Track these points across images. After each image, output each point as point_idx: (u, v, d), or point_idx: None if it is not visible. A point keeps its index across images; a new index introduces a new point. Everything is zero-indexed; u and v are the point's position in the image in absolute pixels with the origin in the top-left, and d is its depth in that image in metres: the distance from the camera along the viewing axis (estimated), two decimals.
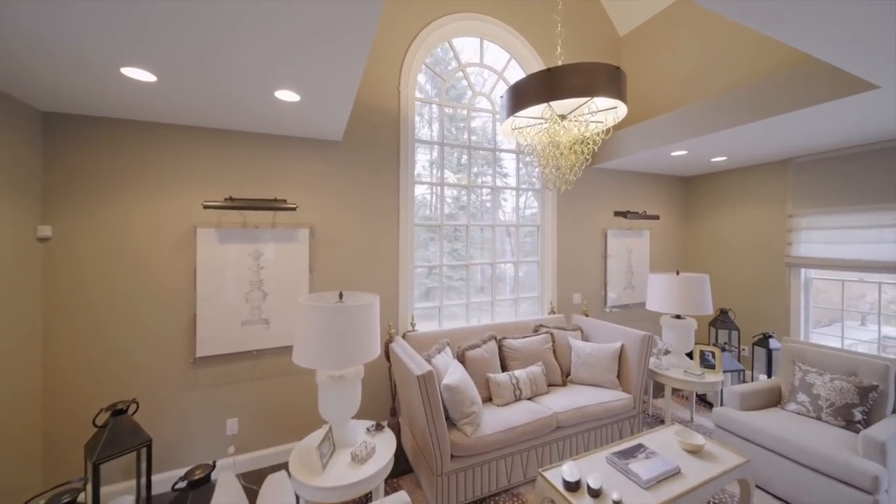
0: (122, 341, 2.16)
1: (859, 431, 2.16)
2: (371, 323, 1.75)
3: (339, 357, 1.63)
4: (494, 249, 3.59)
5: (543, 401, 2.54)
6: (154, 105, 1.99)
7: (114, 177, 2.15)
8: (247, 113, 2.13)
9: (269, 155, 2.51)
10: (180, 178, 2.28)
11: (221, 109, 2.07)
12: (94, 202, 2.12)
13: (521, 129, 2.35)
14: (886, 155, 3.00)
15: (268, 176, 2.50)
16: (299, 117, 2.21)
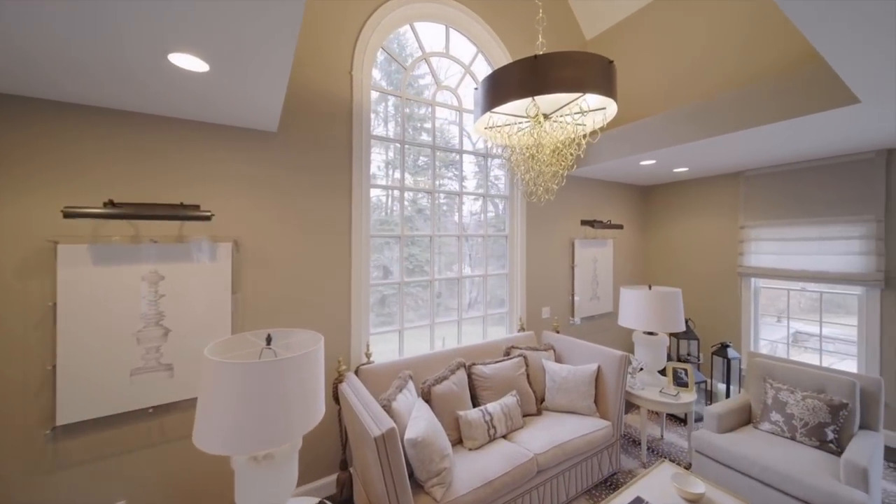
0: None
1: (833, 452, 2.13)
2: (313, 376, 1.28)
3: (264, 434, 1.15)
4: (461, 262, 3.23)
5: (520, 438, 2.23)
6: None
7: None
8: (136, 85, 1.54)
9: (175, 147, 1.91)
10: (33, 171, 1.61)
11: (98, 78, 1.46)
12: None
13: (497, 127, 2.01)
14: (834, 171, 3.14)
15: (173, 174, 1.90)
16: (213, 96, 1.67)
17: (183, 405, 1.90)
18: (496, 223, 3.60)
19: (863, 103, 1.87)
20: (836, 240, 3.13)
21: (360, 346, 2.50)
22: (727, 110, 2.42)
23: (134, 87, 1.55)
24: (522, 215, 3.47)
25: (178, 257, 1.85)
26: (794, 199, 3.38)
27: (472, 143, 3.43)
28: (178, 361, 1.85)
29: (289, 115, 2.26)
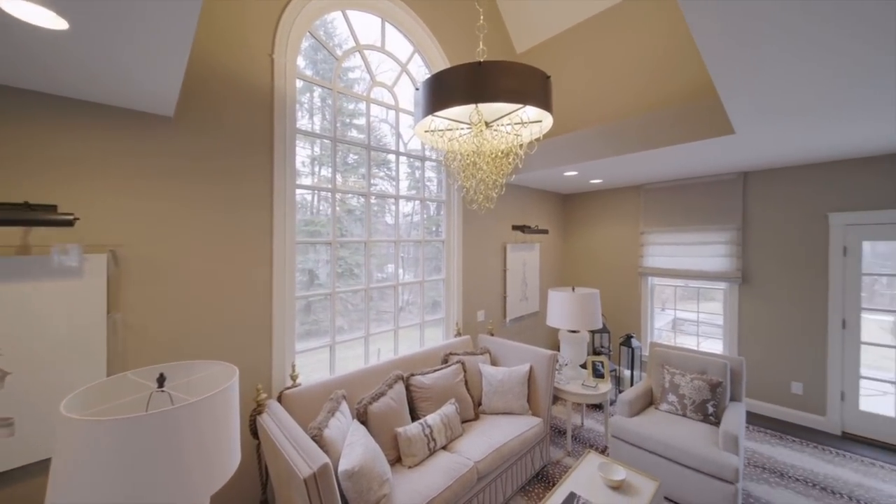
0: None
1: (712, 423, 2.55)
2: (224, 421, 1.05)
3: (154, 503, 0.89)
4: (397, 268, 3.10)
5: (460, 447, 2.21)
6: None
7: None
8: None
9: (25, 130, 1.43)
10: None
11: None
12: None
13: (439, 131, 1.94)
14: (709, 187, 3.78)
15: (23, 164, 1.42)
16: (75, 64, 1.28)
17: (30, 470, 1.44)
18: (429, 225, 3.55)
19: (736, 134, 2.27)
20: (709, 244, 3.79)
21: (284, 368, 2.21)
22: (636, 132, 2.73)
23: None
24: (458, 220, 3.48)
25: (22, 274, 1.38)
26: (681, 210, 4.00)
27: (405, 143, 3.32)
28: (24, 413, 1.39)
29: (191, 98, 1.88)
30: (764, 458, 2.76)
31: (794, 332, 3.32)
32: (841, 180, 3.10)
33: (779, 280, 3.40)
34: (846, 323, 3.08)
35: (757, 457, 2.78)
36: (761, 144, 2.58)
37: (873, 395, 3.03)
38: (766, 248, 3.47)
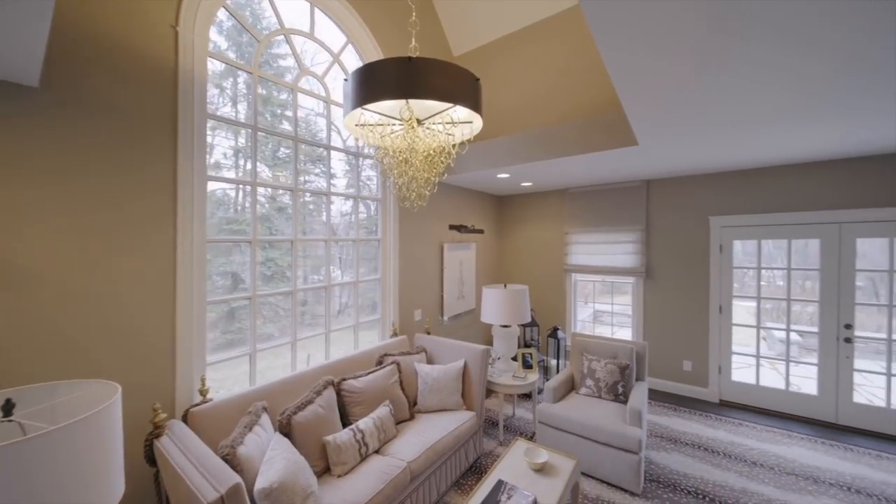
0: None
1: (622, 402, 2.86)
2: (100, 450, 0.88)
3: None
4: (328, 268, 2.95)
5: (394, 449, 2.17)
6: None
7: None
8: None
9: None
10: None
11: None
12: None
13: (370, 126, 1.88)
14: (621, 193, 4.25)
15: None
16: None
17: None
18: (368, 225, 3.45)
19: (639, 145, 2.57)
20: (620, 243, 4.26)
21: (192, 382, 1.96)
22: (557, 140, 2.95)
23: None
24: (395, 219, 3.43)
25: None
26: (598, 213, 4.43)
27: (343, 139, 3.18)
28: None
29: (65, 65, 1.56)
30: (662, 429, 3.18)
31: (684, 317, 3.88)
32: (718, 189, 3.71)
33: (673, 274, 3.95)
34: (722, 308, 3.70)
35: (657, 428, 3.20)
36: (659, 156, 2.97)
37: (742, 367, 3.68)
38: (664, 246, 4.01)
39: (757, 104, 1.93)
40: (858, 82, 1.68)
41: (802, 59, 1.49)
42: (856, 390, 3.15)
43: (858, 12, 1.20)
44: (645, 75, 1.70)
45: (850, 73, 1.59)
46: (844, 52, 1.44)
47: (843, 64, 1.52)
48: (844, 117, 2.11)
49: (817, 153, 2.99)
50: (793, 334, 3.56)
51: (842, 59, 1.49)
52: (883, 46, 1.39)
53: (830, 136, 2.49)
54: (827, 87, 1.73)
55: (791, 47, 1.42)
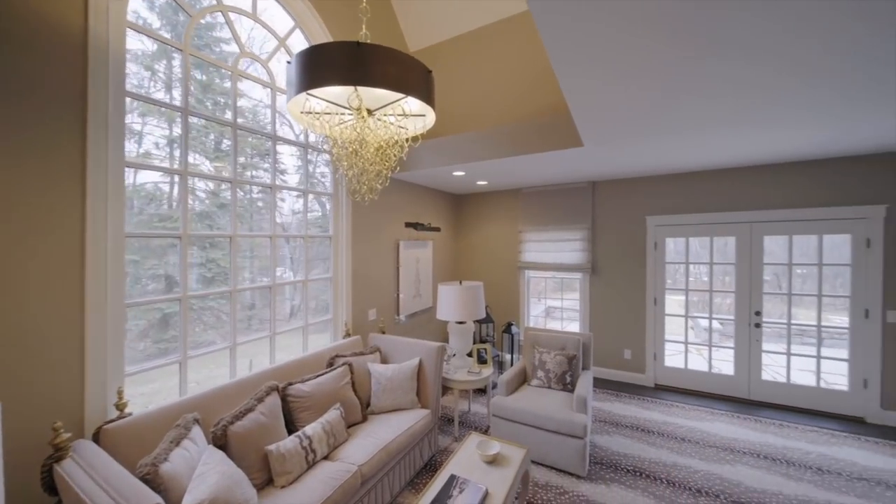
0: None
1: (570, 391, 3.01)
2: None
3: None
4: (273, 267, 2.76)
5: (344, 453, 2.08)
6: None
7: None
8: None
9: None
10: None
11: None
12: None
13: (316, 114, 1.78)
14: (569, 192, 4.47)
15: None
16: None
17: None
18: (322, 224, 3.29)
19: (584, 146, 2.72)
20: (569, 241, 4.49)
21: (107, 396, 1.72)
22: (510, 139, 3.02)
23: None
24: (348, 215, 3.30)
25: None
26: (549, 212, 4.62)
27: (296, 134, 3.00)
28: None
29: None
30: (605, 414, 3.39)
31: (625, 310, 4.18)
32: (654, 190, 4.04)
33: (616, 269, 4.24)
34: (656, 301, 4.04)
35: (601, 413, 3.40)
36: (602, 157, 3.16)
37: (673, 354, 4.05)
38: (607, 244, 4.29)
39: (693, 117, 2.12)
40: (770, 101, 1.91)
41: (742, 72, 1.66)
42: (764, 369, 3.60)
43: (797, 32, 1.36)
44: (592, 94, 1.79)
45: (770, 90, 1.80)
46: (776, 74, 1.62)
47: (776, 78, 1.72)
48: (762, 129, 2.39)
49: (735, 160, 3.37)
50: (714, 322, 3.98)
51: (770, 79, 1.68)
52: (785, 76, 1.59)
53: (748, 146, 2.81)
54: (750, 102, 1.95)
55: (733, 65, 1.57)
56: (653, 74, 1.70)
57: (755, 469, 2.52)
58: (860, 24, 1.30)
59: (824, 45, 1.44)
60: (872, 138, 2.68)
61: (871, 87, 1.79)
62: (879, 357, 3.14)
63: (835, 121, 2.25)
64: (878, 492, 2.27)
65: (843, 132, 2.50)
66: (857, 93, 1.86)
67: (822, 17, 1.27)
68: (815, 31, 1.36)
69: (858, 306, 3.24)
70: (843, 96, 1.90)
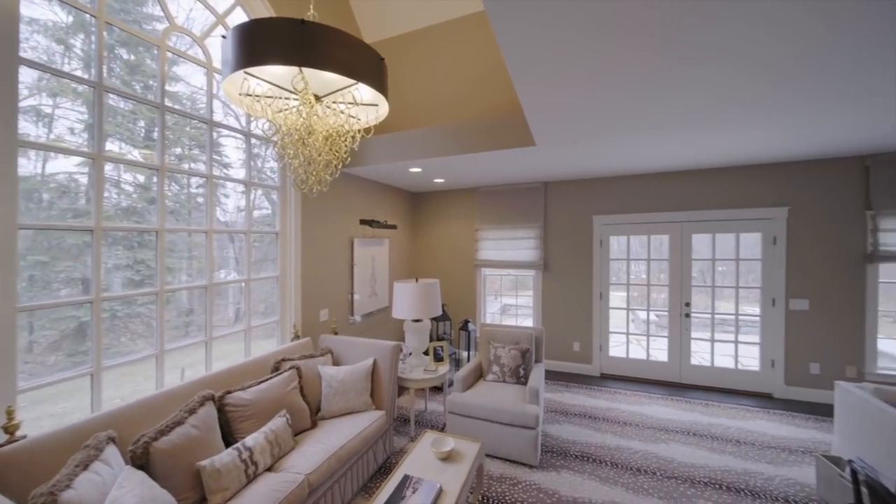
0: None
1: (523, 384, 3.09)
2: None
3: None
4: (211, 266, 2.51)
5: (290, 463, 1.94)
6: None
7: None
8: None
9: None
10: None
11: None
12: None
13: (256, 97, 1.64)
14: (523, 192, 4.60)
15: None
16: None
17: None
18: (272, 222, 3.07)
19: (537, 146, 2.81)
20: (523, 239, 4.62)
21: None
22: (466, 136, 3.04)
23: None
24: (297, 210, 3.11)
25: None
26: (504, 210, 4.73)
27: (243, 125, 2.76)
28: None
29: None
30: (556, 404, 3.54)
31: (574, 304, 4.40)
32: (600, 191, 4.29)
33: (566, 266, 4.45)
34: (602, 295, 4.30)
35: (552, 404, 3.54)
36: (554, 158, 3.29)
37: (617, 344, 4.33)
38: (558, 242, 4.49)
39: (641, 119, 2.26)
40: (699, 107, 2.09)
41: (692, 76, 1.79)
42: (692, 355, 3.98)
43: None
44: (545, 96, 1.84)
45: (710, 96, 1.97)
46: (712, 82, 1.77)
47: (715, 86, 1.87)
48: (702, 132, 2.63)
49: (670, 165, 3.68)
50: (652, 314, 4.33)
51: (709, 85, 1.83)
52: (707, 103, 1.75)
53: (683, 151, 3.08)
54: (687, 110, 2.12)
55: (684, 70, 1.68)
56: (604, 78, 1.78)
57: (685, 445, 2.77)
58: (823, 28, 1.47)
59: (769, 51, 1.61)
60: (780, 147, 3.07)
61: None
62: (783, 340, 3.61)
63: (771, 126, 2.47)
64: (783, 457, 2.60)
65: (769, 139, 2.83)
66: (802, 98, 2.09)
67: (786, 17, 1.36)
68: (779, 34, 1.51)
69: (767, 296, 3.69)
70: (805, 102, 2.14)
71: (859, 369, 3.38)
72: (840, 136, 2.71)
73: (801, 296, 3.56)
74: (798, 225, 3.56)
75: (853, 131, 2.61)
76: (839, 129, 2.54)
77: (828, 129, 2.56)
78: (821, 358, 3.50)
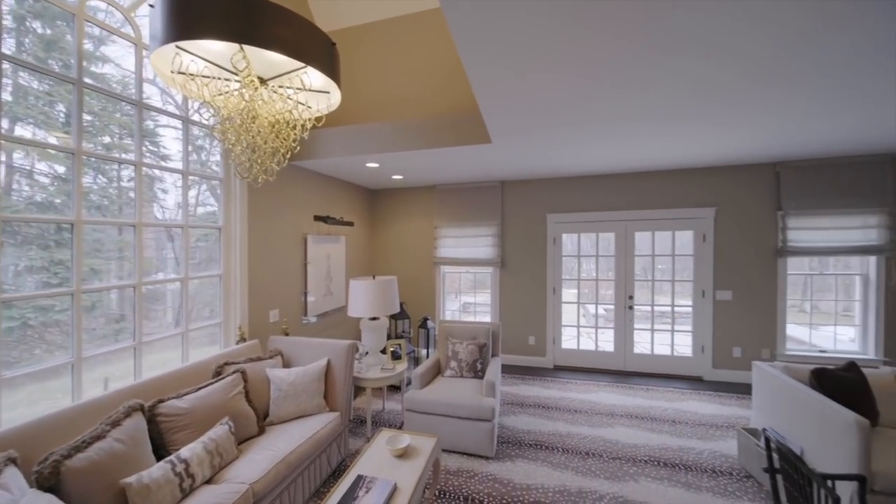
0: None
1: (480, 378, 3.14)
2: None
3: None
4: (140, 263, 2.27)
5: (233, 472, 1.80)
6: None
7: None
8: None
9: None
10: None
11: None
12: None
13: (191, 76, 1.50)
14: (481, 191, 4.68)
15: None
16: None
17: None
18: (211, 219, 2.83)
19: (493, 143, 2.86)
20: (481, 237, 4.70)
21: None
22: (423, 132, 3.02)
23: None
24: (243, 204, 2.91)
25: None
26: (463, 208, 4.78)
27: (181, 109, 2.50)
28: None
29: None
30: (512, 396, 3.64)
31: (529, 299, 4.56)
32: (554, 191, 4.48)
33: (521, 262, 4.59)
34: (555, 290, 4.49)
35: (508, 396, 3.64)
36: (509, 156, 3.38)
37: (569, 337, 4.55)
38: (515, 239, 4.62)
39: (592, 111, 2.37)
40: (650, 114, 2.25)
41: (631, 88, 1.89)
42: (635, 345, 4.29)
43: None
44: (498, 82, 1.86)
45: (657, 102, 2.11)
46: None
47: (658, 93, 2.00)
48: (655, 129, 2.82)
49: (617, 167, 3.93)
50: (600, 308, 4.60)
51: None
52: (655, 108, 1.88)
53: (625, 155, 3.30)
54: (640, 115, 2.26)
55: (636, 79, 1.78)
56: (557, 65, 1.79)
57: (629, 428, 2.97)
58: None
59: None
60: (710, 153, 3.39)
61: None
62: (711, 328, 4.01)
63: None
64: (710, 433, 2.89)
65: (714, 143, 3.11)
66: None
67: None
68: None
69: (698, 288, 4.08)
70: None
71: (772, 351, 3.85)
72: (756, 144, 3.06)
73: (726, 287, 3.97)
74: (724, 223, 3.97)
75: (767, 143, 2.97)
76: (755, 138, 2.87)
77: (748, 138, 2.88)
78: (742, 342, 3.94)
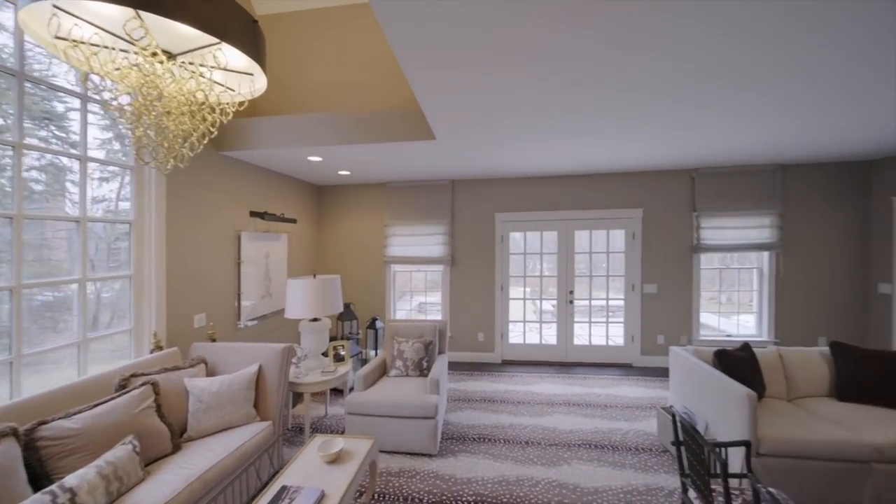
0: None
1: (426, 376, 3.11)
2: None
3: None
4: (18, 263, 1.93)
5: (136, 498, 1.59)
6: None
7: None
8: None
9: None
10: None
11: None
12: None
13: (75, 43, 1.29)
14: (431, 190, 4.66)
15: None
16: None
17: None
18: (122, 214, 2.49)
19: (437, 140, 2.85)
20: (432, 235, 4.69)
21: None
22: (366, 125, 2.91)
23: None
24: (159, 196, 2.60)
25: None
26: (414, 206, 4.73)
27: (102, 89, 2.14)
28: None
29: None
30: (460, 392, 3.67)
31: (478, 296, 4.63)
32: (501, 190, 4.60)
33: (471, 260, 4.65)
34: (503, 287, 4.61)
35: (456, 393, 3.67)
36: (455, 155, 3.40)
37: (516, 332, 4.70)
38: (464, 237, 4.67)
39: (529, 108, 2.44)
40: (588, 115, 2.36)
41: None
42: (575, 337, 4.54)
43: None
44: (435, 80, 1.85)
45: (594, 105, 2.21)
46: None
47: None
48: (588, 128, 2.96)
49: (557, 170, 4.12)
50: (545, 303, 4.81)
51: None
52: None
53: (563, 156, 3.47)
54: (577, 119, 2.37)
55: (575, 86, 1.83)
56: (494, 61, 1.80)
57: (566, 415, 3.13)
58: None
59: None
60: (637, 158, 3.68)
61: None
62: (640, 319, 4.37)
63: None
64: (636, 414, 3.14)
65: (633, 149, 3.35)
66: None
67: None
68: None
69: (629, 283, 4.42)
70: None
71: (689, 337, 4.29)
72: (675, 153, 3.39)
73: (652, 281, 4.35)
74: (650, 223, 4.35)
75: (683, 151, 3.30)
76: (674, 146, 3.17)
77: (673, 146, 3.17)
78: (665, 331, 4.34)
